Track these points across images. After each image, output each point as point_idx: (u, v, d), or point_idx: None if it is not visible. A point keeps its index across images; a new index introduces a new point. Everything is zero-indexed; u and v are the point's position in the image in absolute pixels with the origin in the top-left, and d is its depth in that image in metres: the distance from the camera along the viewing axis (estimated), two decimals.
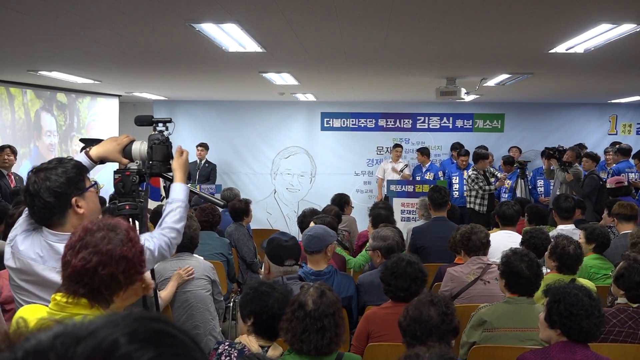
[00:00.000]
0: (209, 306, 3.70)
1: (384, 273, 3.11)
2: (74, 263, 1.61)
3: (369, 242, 4.01)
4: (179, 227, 2.29)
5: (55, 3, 3.29)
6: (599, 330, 2.37)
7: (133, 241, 1.67)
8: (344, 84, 7.68)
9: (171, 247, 2.25)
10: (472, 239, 3.79)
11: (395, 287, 3.04)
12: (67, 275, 1.64)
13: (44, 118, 8.31)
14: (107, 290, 1.65)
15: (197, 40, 4.28)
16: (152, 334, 0.60)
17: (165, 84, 8.11)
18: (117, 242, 1.63)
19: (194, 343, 0.64)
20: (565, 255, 3.51)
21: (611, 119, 10.54)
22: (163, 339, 0.61)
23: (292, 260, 3.29)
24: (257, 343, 2.39)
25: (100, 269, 1.60)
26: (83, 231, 1.64)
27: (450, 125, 10.54)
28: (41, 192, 1.94)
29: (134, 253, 1.66)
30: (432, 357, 1.68)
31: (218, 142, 10.45)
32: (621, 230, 4.72)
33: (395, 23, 3.78)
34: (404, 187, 7.62)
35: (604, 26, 3.76)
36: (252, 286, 2.49)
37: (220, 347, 2.36)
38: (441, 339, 2.27)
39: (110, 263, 1.61)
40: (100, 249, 1.61)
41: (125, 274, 1.65)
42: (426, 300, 2.38)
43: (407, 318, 2.36)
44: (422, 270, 3.10)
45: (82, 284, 1.63)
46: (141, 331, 0.60)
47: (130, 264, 1.65)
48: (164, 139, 2.57)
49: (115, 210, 2.53)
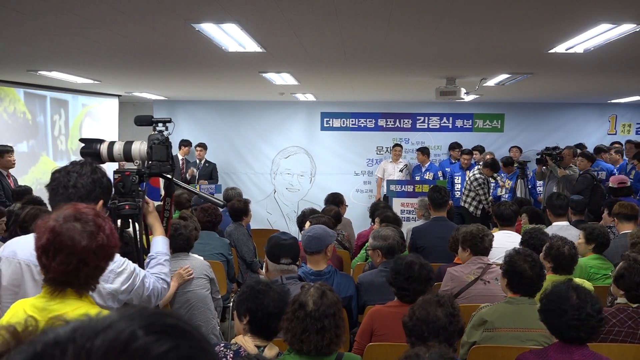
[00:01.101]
0: (210, 305, 3.71)
1: (396, 279, 3.06)
2: (54, 267, 1.60)
3: (369, 242, 4.01)
4: (169, 281, 2.38)
5: (55, 3, 3.29)
6: (594, 334, 2.37)
7: (102, 227, 1.66)
8: (344, 84, 7.68)
9: (160, 297, 2.30)
10: (484, 240, 3.77)
11: (413, 292, 2.99)
12: (50, 278, 1.64)
13: (40, 117, 8.31)
14: (93, 280, 1.67)
15: (197, 40, 4.28)
16: (168, 328, 0.61)
17: (165, 84, 8.11)
18: (89, 235, 1.61)
19: (204, 338, 0.65)
20: (560, 256, 3.51)
21: (611, 119, 10.54)
22: (178, 332, 0.62)
23: (288, 258, 3.29)
24: (252, 343, 2.39)
25: (82, 267, 1.61)
26: (51, 232, 1.60)
27: (450, 125, 10.55)
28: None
29: (107, 236, 1.65)
30: (433, 357, 1.68)
31: (218, 142, 10.46)
32: (621, 230, 4.72)
33: (395, 23, 3.77)
34: (404, 187, 7.62)
35: (603, 26, 3.76)
36: (249, 284, 2.50)
37: (216, 348, 2.35)
38: (447, 339, 2.26)
39: (90, 258, 1.61)
40: (76, 249, 1.59)
41: (105, 259, 1.67)
42: (433, 301, 2.36)
43: (413, 318, 2.34)
44: (432, 270, 3.11)
45: (67, 283, 1.64)
46: (157, 324, 0.61)
47: (108, 248, 1.66)
48: (164, 139, 2.58)
49: (115, 210, 2.54)
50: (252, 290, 2.44)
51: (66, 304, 1.64)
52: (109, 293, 2.02)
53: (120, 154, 2.59)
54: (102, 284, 2.00)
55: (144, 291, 2.15)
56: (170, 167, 2.60)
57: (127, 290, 2.08)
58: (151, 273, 2.29)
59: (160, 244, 2.43)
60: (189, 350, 0.61)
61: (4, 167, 6.46)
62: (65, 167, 2.14)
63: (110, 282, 2.02)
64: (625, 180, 6.61)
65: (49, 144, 8.51)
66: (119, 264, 2.07)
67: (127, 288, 2.07)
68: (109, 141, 2.63)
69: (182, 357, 0.60)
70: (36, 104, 8.18)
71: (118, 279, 2.05)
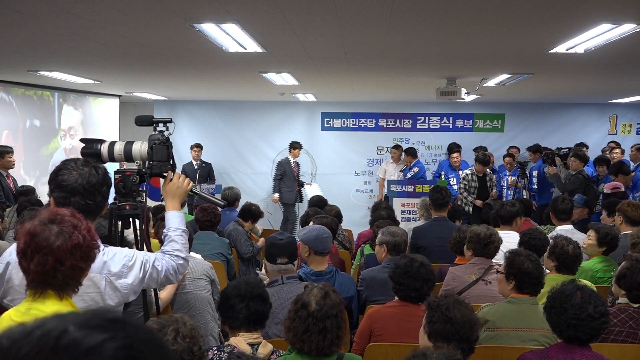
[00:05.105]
0: (209, 307, 3.69)
1: (395, 272, 3.08)
2: (32, 269, 1.63)
3: (378, 237, 4.01)
4: (184, 255, 2.32)
5: (55, 3, 3.29)
6: (596, 335, 2.36)
7: (78, 226, 1.67)
8: (344, 84, 7.67)
9: (178, 273, 2.28)
10: (489, 246, 3.74)
11: (408, 287, 3.01)
12: (30, 280, 1.67)
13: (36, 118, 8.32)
14: (72, 280, 1.68)
15: (198, 40, 4.28)
16: (104, 322, 0.59)
17: (166, 84, 8.11)
18: (65, 235, 1.63)
19: (148, 331, 0.63)
20: (564, 255, 3.51)
21: (611, 119, 10.54)
22: (116, 325, 0.60)
23: (284, 258, 3.29)
24: (245, 342, 2.40)
25: (59, 267, 1.63)
26: (28, 235, 1.64)
27: (451, 125, 10.54)
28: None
29: (83, 236, 1.67)
30: (440, 357, 1.66)
31: (218, 142, 10.46)
32: (623, 231, 4.70)
33: (395, 23, 3.77)
34: (404, 187, 7.62)
35: (604, 26, 3.75)
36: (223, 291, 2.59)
37: (210, 352, 2.36)
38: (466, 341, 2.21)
39: (66, 257, 1.63)
40: (51, 248, 1.61)
41: (83, 259, 1.67)
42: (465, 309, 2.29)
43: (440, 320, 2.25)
44: (433, 272, 3.10)
45: (46, 283, 1.66)
46: (93, 320, 0.59)
47: (85, 248, 1.67)
48: (165, 139, 2.57)
49: (116, 210, 2.54)
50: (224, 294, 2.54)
51: (46, 305, 1.66)
52: (126, 288, 2.05)
53: (121, 154, 2.58)
54: (118, 280, 2.03)
55: (159, 274, 2.18)
56: (171, 167, 2.60)
57: (142, 280, 2.12)
58: (164, 252, 2.29)
59: (172, 219, 2.39)
60: (127, 340, 0.58)
61: (4, 167, 6.46)
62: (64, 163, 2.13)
63: (124, 276, 2.05)
64: (619, 186, 6.60)
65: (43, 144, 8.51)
66: (130, 257, 2.09)
67: (141, 278, 2.11)
68: (110, 141, 2.63)
69: (120, 347, 0.57)
70: (39, 103, 8.18)
71: (131, 273, 2.08)
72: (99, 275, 2.00)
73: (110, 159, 2.59)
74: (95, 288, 2.00)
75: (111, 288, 2.03)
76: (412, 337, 2.52)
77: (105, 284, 2.02)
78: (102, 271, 2.01)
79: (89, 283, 1.94)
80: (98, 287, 2.01)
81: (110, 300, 2.02)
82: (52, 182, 2.08)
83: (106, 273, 2.02)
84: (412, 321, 2.82)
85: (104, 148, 2.59)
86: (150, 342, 0.62)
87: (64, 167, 2.08)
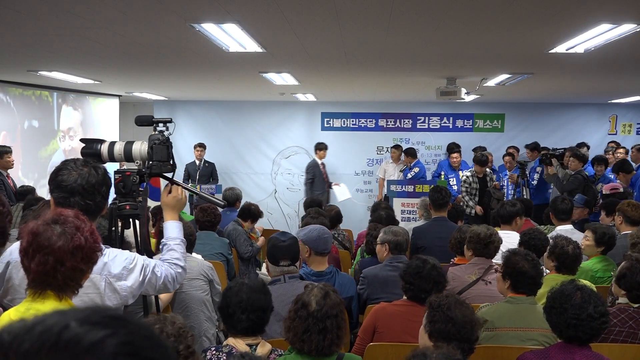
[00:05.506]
0: (204, 307, 3.66)
1: (406, 271, 3.07)
2: (33, 268, 1.63)
3: (380, 236, 4.01)
4: (182, 264, 2.35)
5: (55, 3, 3.29)
6: (595, 335, 2.36)
7: (81, 228, 1.68)
8: (344, 84, 7.68)
9: (176, 281, 2.30)
10: (488, 246, 3.74)
11: (418, 288, 3.00)
12: (31, 280, 1.67)
13: (35, 118, 8.31)
14: (72, 282, 1.68)
15: (198, 40, 4.28)
16: (106, 319, 0.60)
17: (166, 84, 8.11)
18: (67, 236, 1.64)
19: (149, 329, 0.63)
20: (564, 255, 3.51)
21: (611, 119, 10.54)
22: (117, 322, 0.60)
23: (287, 260, 3.28)
24: (244, 343, 2.40)
25: (59, 267, 1.63)
26: (30, 234, 1.65)
27: (451, 125, 10.54)
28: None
29: (85, 238, 1.67)
30: (440, 357, 1.66)
31: (218, 142, 10.46)
32: (623, 231, 4.70)
33: (395, 23, 3.77)
34: (404, 187, 7.62)
35: (604, 26, 3.75)
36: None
37: (208, 353, 2.37)
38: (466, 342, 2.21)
39: (66, 258, 1.63)
40: (53, 248, 1.62)
41: (84, 261, 1.67)
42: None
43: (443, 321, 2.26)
44: (444, 275, 3.11)
45: (46, 283, 1.66)
46: (94, 316, 0.59)
47: (87, 250, 1.67)
48: (165, 139, 2.58)
49: (116, 210, 2.54)
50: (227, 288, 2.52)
51: (45, 305, 1.66)
52: (125, 290, 2.06)
53: (121, 154, 2.59)
54: (118, 282, 2.04)
55: (157, 280, 2.19)
56: (171, 167, 2.60)
57: (141, 284, 2.12)
58: (163, 260, 2.30)
59: (171, 229, 2.42)
60: (128, 337, 0.58)
61: (3, 167, 6.47)
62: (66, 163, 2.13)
63: (124, 279, 2.06)
64: (617, 187, 6.60)
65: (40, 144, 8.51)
66: (130, 260, 2.10)
67: (141, 282, 2.12)
68: (110, 141, 2.63)
69: (121, 343, 0.57)
70: (38, 103, 8.18)
71: (131, 276, 2.08)
72: (99, 276, 2.01)
73: (110, 159, 2.60)
74: (94, 289, 2.00)
75: (111, 289, 2.03)
76: (415, 337, 2.52)
77: (105, 285, 2.02)
78: (102, 272, 2.01)
79: (89, 284, 1.94)
80: (98, 288, 2.01)
81: (109, 302, 2.02)
82: (51, 182, 2.08)
83: (106, 274, 2.03)
84: (416, 321, 2.80)
85: (104, 148, 2.59)
86: (151, 339, 0.62)
87: (64, 167, 2.08)
